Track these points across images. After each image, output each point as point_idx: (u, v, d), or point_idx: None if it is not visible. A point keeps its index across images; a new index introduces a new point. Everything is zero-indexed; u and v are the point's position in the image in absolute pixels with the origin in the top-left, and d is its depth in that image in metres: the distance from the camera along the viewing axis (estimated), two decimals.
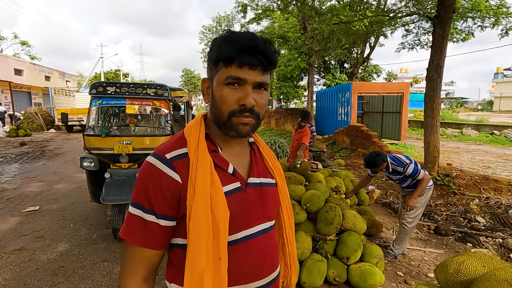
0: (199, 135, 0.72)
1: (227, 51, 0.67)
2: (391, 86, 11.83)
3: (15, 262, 2.93)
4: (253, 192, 0.76)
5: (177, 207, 0.68)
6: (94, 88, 3.55)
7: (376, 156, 2.96)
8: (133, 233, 0.68)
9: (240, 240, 0.72)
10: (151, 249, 0.69)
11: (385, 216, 4.38)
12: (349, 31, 6.08)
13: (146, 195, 0.68)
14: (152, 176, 0.68)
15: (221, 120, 0.71)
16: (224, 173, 0.72)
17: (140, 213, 0.68)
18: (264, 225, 0.77)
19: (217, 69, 0.70)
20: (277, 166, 0.87)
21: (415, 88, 41.70)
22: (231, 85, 0.68)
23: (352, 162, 7.72)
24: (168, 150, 0.71)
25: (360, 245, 2.52)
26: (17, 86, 17.35)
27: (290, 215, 0.88)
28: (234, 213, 0.69)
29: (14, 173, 6.76)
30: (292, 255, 0.89)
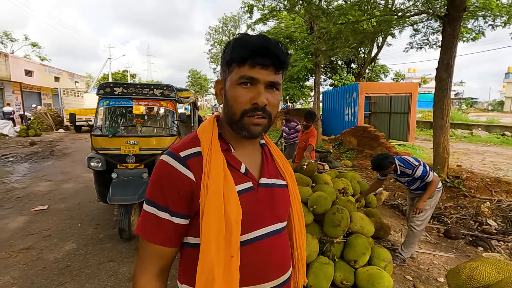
0: (212, 135, 0.73)
1: (240, 52, 0.69)
2: (399, 86, 11.69)
3: (23, 260, 2.96)
4: (264, 193, 0.76)
5: (191, 205, 0.69)
6: (101, 89, 3.58)
7: (384, 159, 2.90)
8: (148, 230, 0.70)
9: (252, 240, 0.72)
10: (165, 246, 0.70)
11: (393, 218, 4.31)
12: (357, 30, 6.01)
13: (161, 193, 0.69)
14: (166, 173, 0.69)
15: (233, 120, 0.72)
16: (237, 172, 0.73)
17: (155, 211, 0.69)
18: (276, 225, 0.78)
19: (230, 69, 0.72)
20: (288, 168, 0.87)
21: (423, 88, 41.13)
22: (244, 85, 0.70)
23: (359, 163, 7.63)
24: (182, 148, 0.72)
25: (368, 248, 2.47)
26: (27, 87, 17.66)
27: (301, 217, 0.88)
28: (246, 212, 0.70)
29: (23, 173, 6.87)
30: (301, 257, 0.88)
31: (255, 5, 11.88)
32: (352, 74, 14.78)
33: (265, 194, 0.76)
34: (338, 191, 3.30)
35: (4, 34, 28.71)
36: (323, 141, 11.06)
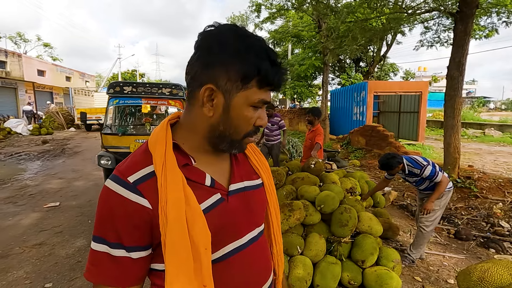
0: (165, 148, 0.62)
1: (271, 74, 0.61)
2: (408, 85, 11.51)
3: (35, 256, 3.04)
4: (237, 200, 0.69)
5: (151, 235, 0.60)
6: (111, 88, 3.64)
7: (391, 158, 2.87)
8: (101, 273, 0.59)
9: (228, 255, 0.66)
10: (125, 287, 0.60)
11: (402, 218, 4.25)
12: (365, 28, 5.94)
13: (112, 228, 0.58)
14: (115, 205, 0.58)
15: (231, 139, 0.65)
16: (201, 187, 0.64)
17: (106, 249, 0.59)
18: (253, 232, 0.72)
19: (246, 86, 0.61)
20: (263, 163, 0.81)
21: (434, 87, 40.40)
22: (255, 108, 0.64)
23: (368, 163, 7.55)
24: (131, 171, 0.60)
25: (376, 248, 2.45)
26: (40, 87, 18.07)
27: (278, 212, 0.84)
28: (218, 228, 0.63)
29: (36, 170, 7.04)
30: (279, 253, 0.85)
31: (263, 4, 11.86)
32: (360, 72, 14.62)
33: (237, 201, 0.69)
34: (346, 190, 3.28)
35: (18, 34, 29.39)
36: (331, 140, 10.99)
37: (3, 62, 15.23)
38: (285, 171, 3.30)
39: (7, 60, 15.43)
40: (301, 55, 13.77)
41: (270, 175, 0.82)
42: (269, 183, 0.80)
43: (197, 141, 0.67)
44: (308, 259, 2.34)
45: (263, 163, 0.80)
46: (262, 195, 0.77)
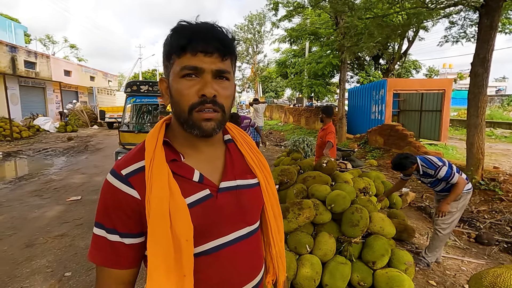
0: (156, 144, 0.66)
1: (177, 40, 0.63)
2: (431, 83, 11.06)
3: (57, 246, 3.21)
4: (227, 197, 0.69)
5: (141, 224, 0.64)
6: (128, 87, 3.77)
7: (404, 159, 2.79)
8: (100, 255, 0.65)
9: (209, 251, 0.67)
10: (120, 269, 0.65)
11: (419, 221, 4.12)
12: (383, 24, 5.75)
13: (107, 215, 0.64)
14: (110, 194, 0.64)
15: (182, 118, 0.65)
16: (189, 182, 0.66)
17: (104, 233, 0.64)
18: (242, 231, 0.72)
19: (171, 62, 0.65)
20: (261, 162, 0.80)
21: (459, 84, 38.58)
22: (188, 77, 0.63)
23: (385, 163, 7.35)
24: (125, 165, 0.66)
25: (388, 250, 2.39)
26: (66, 86, 18.92)
27: (277, 214, 0.82)
28: (202, 224, 0.65)
29: (61, 166, 7.41)
30: (279, 254, 0.83)
31: (281, 2, 11.78)
32: (380, 70, 14.21)
33: (228, 199, 0.69)
34: (359, 190, 3.22)
35: (47, 37, 30.99)
36: (348, 139, 10.78)
37: (33, 63, 16.08)
38: (297, 169, 3.29)
39: (37, 61, 16.28)
40: (319, 53, 13.58)
41: (269, 175, 0.81)
42: (267, 183, 0.79)
43: (181, 135, 0.70)
44: (317, 258, 2.32)
45: (261, 163, 0.80)
46: (257, 194, 0.76)
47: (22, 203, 4.59)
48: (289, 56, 18.87)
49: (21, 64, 15.07)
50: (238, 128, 0.84)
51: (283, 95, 41.33)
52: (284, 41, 13.82)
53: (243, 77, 40.18)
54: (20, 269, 2.75)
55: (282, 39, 13.76)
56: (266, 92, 37.03)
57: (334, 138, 3.90)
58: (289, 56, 18.96)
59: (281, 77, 21.34)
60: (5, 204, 4.54)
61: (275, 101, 35.92)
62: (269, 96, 36.80)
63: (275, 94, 38.05)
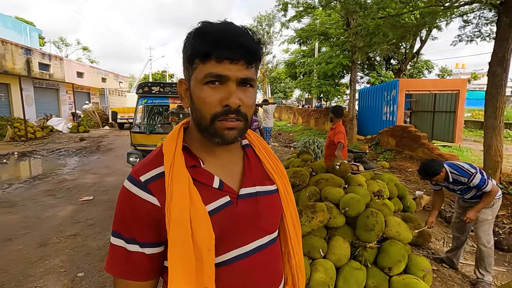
0: (175, 149, 0.63)
1: (202, 45, 0.58)
2: (444, 83, 10.81)
3: (70, 246, 3.24)
4: (247, 205, 0.67)
5: (161, 232, 0.61)
6: (140, 88, 3.79)
7: (432, 163, 2.64)
8: (117, 266, 0.62)
9: (229, 261, 0.64)
10: (139, 281, 0.62)
11: (435, 225, 4.00)
12: (397, 24, 5.63)
13: (125, 223, 0.61)
14: (128, 202, 0.61)
15: (203, 125, 0.62)
16: (209, 189, 0.64)
17: (123, 244, 0.62)
18: (261, 240, 0.69)
19: (194, 66, 0.61)
20: (279, 168, 0.78)
21: (473, 85, 37.68)
22: (211, 84, 0.60)
23: (398, 165, 7.21)
24: (144, 171, 0.63)
25: (404, 256, 2.32)
26: (78, 87, 19.30)
27: (296, 222, 0.79)
28: (223, 232, 0.62)
29: (74, 166, 7.53)
30: (299, 265, 0.80)
31: (290, 2, 11.73)
32: (391, 70, 13.98)
33: (247, 206, 0.67)
34: (373, 193, 3.14)
35: (60, 39, 31.72)
36: (359, 141, 10.63)
37: (47, 65, 16.45)
38: (309, 171, 3.23)
39: (51, 63, 16.65)
40: (328, 53, 13.44)
41: (287, 182, 0.78)
42: (286, 190, 0.76)
43: (199, 140, 0.67)
44: (331, 262, 2.27)
45: (279, 169, 0.77)
46: (276, 202, 0.74)
47: (36, 202, 4.67)
48: (298, 57, 18.77)
49: (36, 66, 15.45)
50: (255, 133, 0.82)
51: (291, 96, 41.18)
52: (293, 42, 13.75)
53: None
54: (34, 269, 2.78)
55: (291, 40, 13.68)
56: (275, 93, 36.95)
57: (343, 138, 3.77)
58: (298, 56, 18.86)
59: (290, 78, 21.23)
60: (19, 203, 4.63)
61: (283, 102, 35.81)
62: (277, 97, 36.71)
63: (284, 95, 37.93)
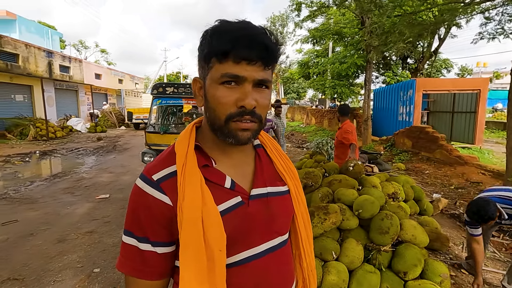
0: (187, 148, 0.63)
1: (220, 43, 0.58)
2: (464, 82, 10.44)
3: (87, 242, 3.34)
4: (258, 205, 0.66)
5: (173, 231, 0.61)
6: (155, 89, 3.86)
7: (486, 205, 2.29)
8: (129, 264, 0.62)
9: (241, 262, 0.64)
10: (151, 280, 0.63)
11: (452, 229, 3.87)
12: (414, 22, 5.48)
13: (138, 222, 0.62)
14: (141, 201, 0.61)
15: (217, 125, 0.62)
16: (221, 189, 0.64)
17: (135, 242, 0.62)
18: (273, 241, 0.69)
19: (210, 65, 0.61)
20: (291, 169, 0.77)
21: (495, 84, 36.18)
22: (227, 84, 0.59)
23: (414, 167, 7.02)
24: (156, 169, 0.63)
25: (421, 260, 2.25)
26: (96, 89, 19.92)
27: (307, 224, 0.78)
28: (234, 233, 0.62)
29: (91, 164, 7.76)
30: (310, 267, 0.78)
31: (304, 2, 11.65)
32: (408, 70, 13.63)
33: (259, 206, 0.66)
34: (388, 195, 3.07)
35: (80, 42, 32.82)
36: (374, 142, 10.42)
37: (67, 68, 17.06)
38: (322, 172, 3.20)
39: (70, 66, 17.26)
40: (343, 53, 13.26)
41: (298, 183, 0.77)
42: (297, 191, 0.76)
43: (211, 139, 0.67)
44: (343, 265, 2.23)
45: (291, 170, 0.77)
46: (288, 203, 0.73)
47: (56, 199, 4.84)
48: (312, 57, 18.62)
49: (57, 68, 16.04)
50: (267, 134, 0.81)
51: (305, 96, 40.89)
52: (306, 42, 13.65)
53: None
54: (53, 263, 2.88)
55: (304, 40, 13.59)
56: (288, 93, 36.79)
57: (353, 137, 3.60)
58: (311, 56, 18.72)
59: (303, 78, 21.10)
60: (40, 200, 4.81)
61: (297, 102, 35.61)
62: (290, 97, 36.54)
63: (297, 95, 37.71)
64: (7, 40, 12.63)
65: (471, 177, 5.80)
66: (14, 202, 4.67)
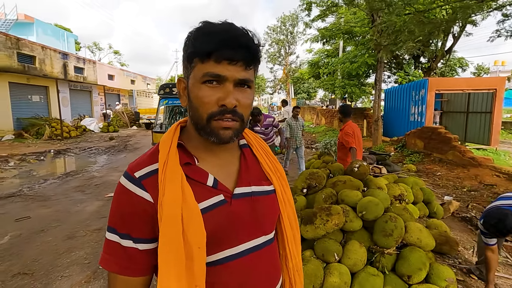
0: (170, 147, 0.64)
1: (202, 44, 0.59)
2: (479, 82, 10.12)
3: (95, 239, 3.41)
4: (241, 204, 0.67)
5: (154, 228, 0.62)
6: (161, 90, 3.92)
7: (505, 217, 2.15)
8: (112, 260, 0.63)
9: (223, 260, 0.64)
10: (133, 276, 0.63)
11: (463, 232, 3.76)
12: (424, 21, 5.34)
13: (120, 218, 0.62)
14: (123, 198, 0.62)
15: (200, 124, 0.63)
16: (203, 187, 0.64)
17: (117, 239, 0.62)
18: (257, 240, 0.69)
19: (193, 65, 0.62)
20: (277, 169, 0.77)
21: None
22: (209, 83, 0.60)
23: (426, 168, 6.86)
24: (139, 167, 0.64)
25: (426, 264, 2.19)
26: (109, 89, 20.37)
27: (294, 224, 0.77)
28: (216, 231, 0.62)
29: (102, 163, 7.93)
30: (296, 268, 0.78)
31: (314, 1, 11.57)
32: (420, 69, 13.32)
33: (242, 205, 0.66)
34: (394, 197, 3.01)
35: (94, 44, 33.66)
36: (384, 142, 10.24)
37: (81, 69, 17.51)
38: (326, 173, 3.16)
39: (84, 67, 17.71)
40: (353, 52, 13.09)
41: (285, 183, 0.77)
42: (283, 191, 0.76)
43: (196, 139, 0.68)
44: (346, 267, 2.20)
45: (278, 170, 0.77)
46: (273, 202, 0.73)
47: (67, 197, 4.97)
48: (322, 57, 18.46)
49: (72, 70, 16.49)
50: (254, 133, 0.81)
51: (315, 96, 40.58)
52: (316, 41, 13.53)
53: (275, 78, 40.19)
54: (61, 259, 2.97)
55: (314, 39, 13.49)
56: (298, 93, 36.60)
57: (353, 140, 3.51)
58: (322, 56, 18.56)
59: (314, 78, 20.94)
60: (53, 197, 4.95)
61: (307, 103, 35.38)
62: (301, 97, 36.34)
63: (307, 95, 37.48)
64: (24, 43, 13.07)
65: (485, 179, 5.62)
66: (28, 199, 4.82)
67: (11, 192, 5.18)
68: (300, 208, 2.74)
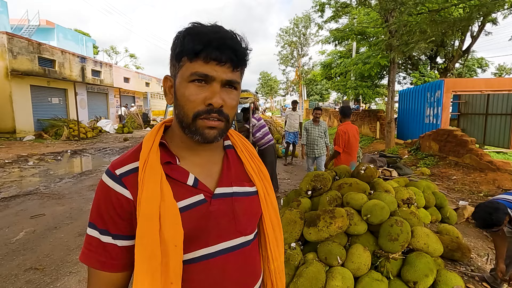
0: (151, 145, 0.65)
1: (192, 44, 0.60)
2: (499, 82, 9.73)
3: None
4: (221, 204, 0.67)
5: (133, 225, 0.63)
6: None
7: (494, 212, 2.17)
8: (92, 256, 0.64)
9: (197, 259, 0.64)
10: (113, 272, 0.64)
11: (478, 239, 3.62)
12: (437, 20, 5.19)
13: (100, 215, 0.63)
14: (103, 194, 0.63)
15: (185, 123, 0.64)
16: (183, 186, 0.65)
17: (97, 234, 0.63)
18: (234, 241, 0.69)
19: (181, 64, 0.63)
20: (261, 170, 0.77)
21: None
22: (197, 82, 0.62)
23: (440, 172, 6.65)
24: (121, 165, 0.65)
25: (433, 270, 2.12)
26: (125, 92, 20.90)
27: (276, 226, 0.77)
28: (193, 230, 0.63)
29: None
30: (278, 270, 0.77)
31: (327, 2, 11.48)
32: (437, 70, 12.94)
33: (221, 206, 0.67)
34: (402, 201, 2.93)
35: (111, 48, 34.69)
36: (398, 145, 10.00)
37: (99, 72, 18.07)
38: (332, 175, 3.12)
39: (101, 70, 18.27)
40: (366, 53, 12.88)
41: (269, 185, 0.78)
42: (266, 193, 0.76)
43: (179, 138, 0.69)
44: (349, 271, 2.16)
45: (261, 171, 0.77)
46: (255, 204, 0.73)
47: (81, 195, 5.13)
48: (335, 58, 18.27)
49: (89, 73, 17.04)
50: (240, 134, 0.82)
51: (328, 98, 40.18)
52: (328, 42, 13.42)
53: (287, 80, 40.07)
54: (71, 255, 3.06)
55: (325, 40, 13.38)
56: (311, 95, 36.35)
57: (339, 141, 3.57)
58: (335, 58, 18.37)
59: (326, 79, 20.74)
60: (67, 196, 5.12)
61: (320, 104, 35.09)
62: (313, 99, 36.06)
63: (320, 97, 37.15)
64: (45, 47, 13.63)
65: (504, 184, 5.38)
66: (44, 197, 5.01)
67: (29, 190, 5.39)
68: (304, 210, 2.71)
